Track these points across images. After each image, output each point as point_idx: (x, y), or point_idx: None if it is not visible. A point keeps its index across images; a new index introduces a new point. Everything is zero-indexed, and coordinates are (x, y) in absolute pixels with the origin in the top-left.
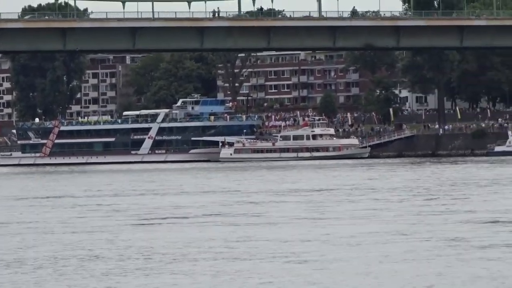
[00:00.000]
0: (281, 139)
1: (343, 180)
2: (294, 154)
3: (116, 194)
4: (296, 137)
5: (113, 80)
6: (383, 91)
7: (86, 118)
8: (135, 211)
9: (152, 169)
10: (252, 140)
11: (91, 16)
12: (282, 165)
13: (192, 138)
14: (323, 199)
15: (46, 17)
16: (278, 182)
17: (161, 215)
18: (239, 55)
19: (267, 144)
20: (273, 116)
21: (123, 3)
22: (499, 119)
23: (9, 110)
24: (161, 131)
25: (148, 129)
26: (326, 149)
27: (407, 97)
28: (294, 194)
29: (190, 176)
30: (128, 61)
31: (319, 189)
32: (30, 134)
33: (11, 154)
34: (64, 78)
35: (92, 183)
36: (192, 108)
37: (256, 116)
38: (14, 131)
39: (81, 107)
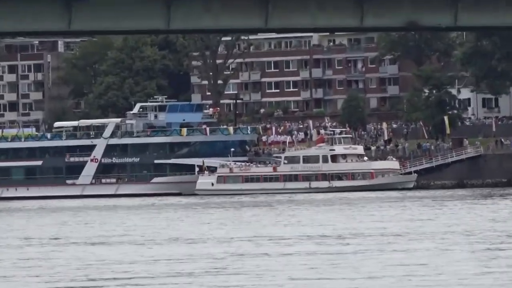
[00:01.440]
0: (285, 161)
1: (378, 225)
2: (304, 184)
3: (30, 244)
4: (307, 159)
5: (39, 76)
6: (434, 91)
7: None
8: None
9: (96, 207)
10: (243, 164)
11: None
12: (287, 201)
13: (156, 161)
14: (349, 260)
15: None
16: (280, 226)
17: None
18: (223, 39)
19: (266, 170)
20: (273, 128)
21: None
22: None
23: None
24: (109, 150)
25: (91, 147)
26: (351, 176)
27: (469, 99)
28: (305, 245)
29: (146, 217)
30: (61, 48)
31: (341, 240)
32: None
33: None
34: None
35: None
36: (155, 116)
37: (248, 128)
38: None
39: None
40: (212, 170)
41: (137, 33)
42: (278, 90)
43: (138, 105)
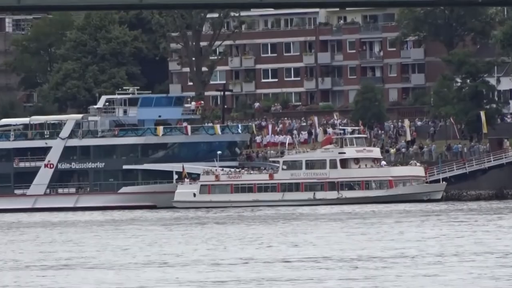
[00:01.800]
0: (284, 167)
1: (396, 247)
2: (308, 195)
3: None
4: (312, 164)
5: None
6: (468, 80)
7: None
8: None
9: (50, 223)
10: (232, 170)
11: None
12: (286, 215)
13: (125, 167)
14: None
15: None
16: (280, 247)
17: None
18: (209, 16)
19: (260, 178)
20: (270, 126)
21: None
22: None
23: None
24: (68, 154)
25: (45, 150)
26: (366, 185)
27: (511, 90)
28: (313, 269)
29: (110, 236)
30: (9, 27)
31: (351, 265)
32: None
33: None
34: None
35: None
36: (125, 112)
37: (239, 126)
38: None
39: None
40: (194, 177)
41: (103, 9)
42: (276, 80)
43: (103, 98)
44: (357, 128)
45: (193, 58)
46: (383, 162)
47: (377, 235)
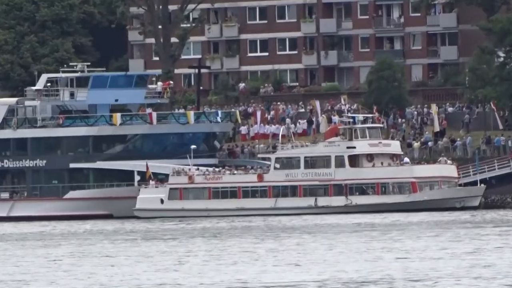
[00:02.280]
0: (277, 166)
1: (424, 267)
2: (307, 201)
3: None
4: (312, 162)
5: None
6: None
7: None
8: None
9: None
10: (210, 170)
11: None
12: (280, 227)
13: (72, 165)
14: None
15: None
16: (274, 269)
17: None
18: None
19: (247, 179)
20: (258, 114)
21: None
22: None
23: None
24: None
25: None
26: (383, 188)
27: None
28: None
29: (50, 255)
30: None
31: None
32: None
33: None
34: None
35: None
36: (72, 95)
37: (219, 113)
38: None
39: None
40: (162, 179)
41: None
42: (266, 54)
43: (44, 77)
44: (370, 115)
45: (160, 26)
46: (405, 159)
47: (396, 253)
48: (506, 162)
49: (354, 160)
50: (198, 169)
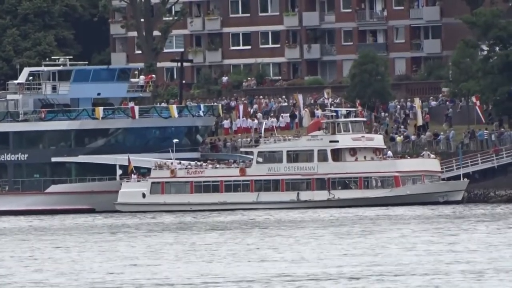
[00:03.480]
0: (260, 160)
1: (408, 260)
2: (290, 196)
3: None
4: (294, 156)
5: None
6: (497, 48)
7: None
8: None
9: None
10: (193, 164)
11: None
12: (263, 222)
13: (54, 159)
14: None
15: None
16: (256, 262)
17: None
18: None
19: (229, 173)
20: (241, 108)
21: None
22: None
23: None
24: None
25: None
26: (365, 183)
27: None
28: None
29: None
30: None
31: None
32: None
33: None
34: None
35: None
36: (54, 88)
37: (201, 106)
38: None
39: None
40: (144, 173)
41: None
42: (248, 47)
43: (26, 71)
44: (353, 109)
45: (142, 20)
46: (388, 153)
47: (379, 248)
48: (490, 156)
49: (337, 154)
50: (180, 163)
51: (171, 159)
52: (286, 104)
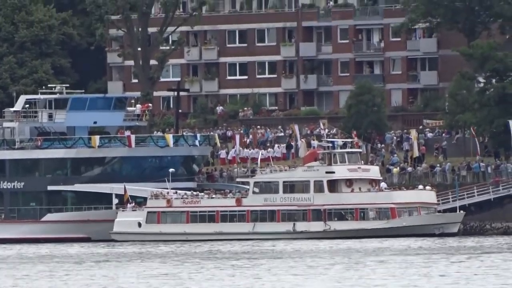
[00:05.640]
0: (256, 190)
1: None
2: (286, 226)
3: None
4: (291, 187)
5: None
6: (493, 80)
7: None
8: None
9: None
10: (189, 193)
11: None
12: (258, 252)
13: (50, 188)
14: None
15: None
16: None
17: None
18: None
19: (225, 203)
20: (237, 137)
21: None
22: None
23: None
24: None
25: None
26: (361, 214)
27: None
28: None
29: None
30: None
31: None
32: None
33: None
34: None
35: None
36: (50, 117)
37: (198, 136)
38: None
39: None
40: (140, 202)
41: None
42: (245, 77)
43: (22, 99)
44: (349, 140)
45: (139, 49)
46: (383, 185)
47: (377, 281)
48: (486, 188)
49: (333, 185)
50: (176, 192)
51: (167, 188)
52: (282, 134)
